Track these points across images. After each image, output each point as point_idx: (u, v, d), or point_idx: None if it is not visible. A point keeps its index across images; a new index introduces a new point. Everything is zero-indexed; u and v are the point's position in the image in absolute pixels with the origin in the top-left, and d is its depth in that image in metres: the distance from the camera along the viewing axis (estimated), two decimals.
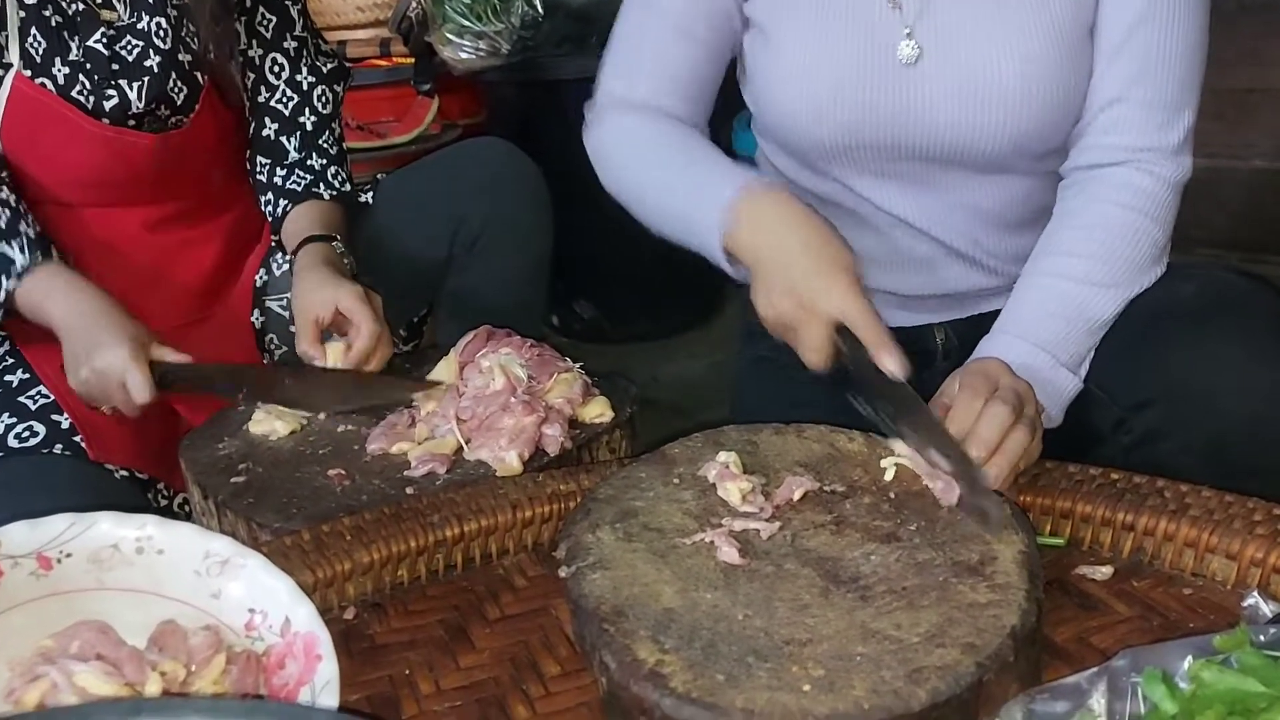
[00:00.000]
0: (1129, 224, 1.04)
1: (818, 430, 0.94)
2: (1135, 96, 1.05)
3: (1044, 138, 1.09)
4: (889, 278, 1.21)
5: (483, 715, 0.75)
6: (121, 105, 1.33)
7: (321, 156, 1.52)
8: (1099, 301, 1.03)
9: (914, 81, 1.08)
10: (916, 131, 1.09)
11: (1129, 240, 1.04)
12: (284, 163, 1.51)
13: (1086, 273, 1.03)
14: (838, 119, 1.10)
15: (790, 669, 0.66)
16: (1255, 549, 0.80)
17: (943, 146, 1.10)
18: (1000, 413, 0.87)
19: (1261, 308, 1.03)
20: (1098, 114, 1.07)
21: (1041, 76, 1.05)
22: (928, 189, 1.15)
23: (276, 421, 1.18)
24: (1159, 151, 1.06)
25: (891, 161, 1.13)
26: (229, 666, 0.70)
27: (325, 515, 0.96)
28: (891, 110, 1.09)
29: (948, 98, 1.07)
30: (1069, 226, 1.07)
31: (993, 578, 0.73)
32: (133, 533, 0.75)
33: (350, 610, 0.88)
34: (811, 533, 0.81)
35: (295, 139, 1.51)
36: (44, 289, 1.25)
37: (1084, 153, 1.09)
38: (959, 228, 1.17)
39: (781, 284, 0.97)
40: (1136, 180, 1.05)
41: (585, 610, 0.74)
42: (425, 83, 2.54)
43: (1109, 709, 0.61)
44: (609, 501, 0.87)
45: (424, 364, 1.28)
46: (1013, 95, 1.06)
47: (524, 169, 1.55)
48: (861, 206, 1.18)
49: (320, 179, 1.51)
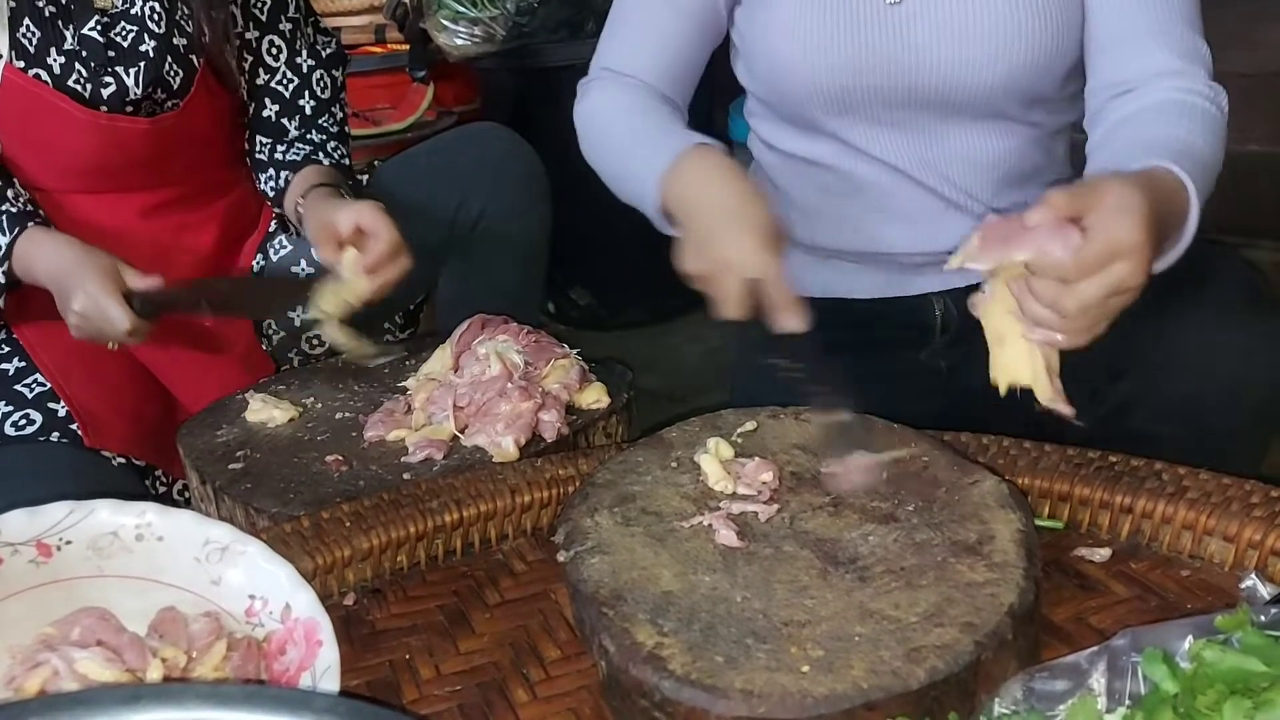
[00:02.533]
0: (1180, 100, 0.99)
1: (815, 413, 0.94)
2: (1147, 26, 1.03)
3: (1034, 76, 1.10)
4: (888, 234, 1.21)
5: (483, 699, 0.75)
6: (119, 92, 1.32)
7: (321, 133, 1.52)
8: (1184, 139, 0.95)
9: (902, 21, 1.09)
10: (909, 73, 1.10)
11: (1184, 112, 0.98)
12: (284, 139, 1.50)
13: (1156, 124, 0.97)
14: (832, 63, 1.11)
15: (789, 650, 0.66)
16: (1253, 531, 0.80)
17: (935, 87, 1.11)
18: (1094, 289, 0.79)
19: (1230, 274, 1.03)
20: (1106, 54, 1.06)
21: (1030, 10, 1.06)
22: (924, 136, 1.15)
23: (274, 409, 1.18)
24: (1191, 69, 1.02)
25: (887, 108, 1.14)
26: (230, 653, 0.71)
27: (323, 501, 0.96)
28: (883, 52, 1.10)
29: (935, 35, 1.09)
30: (1116, 126, 1.02)
31: (990, 557, 0.73)
32: (132, 520, 0.75)
33: (350, 596, 0.88)
34: (810, 514, 0.81)
35: (296, 119, 1.51)
36: (30, 256, 1.25)
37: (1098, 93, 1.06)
38: (956, 179, 1.18)
39: (699, 238, 0.97)
40: (1183, 83, 1.01)
41: (584, 594, 0.75)
42: (420, 70, 2.53)
43: (1109, 688, 0.61)
44: (607, 486, 0.87)
45: (420, 352, 1.28)
46: (1000, 30, 1.07)
47: (522, 154, 1.54)
48: (859, 165, 1.18)
49: (319, 149, 1.51)
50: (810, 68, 1.13)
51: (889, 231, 1.21)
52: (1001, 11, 1.07)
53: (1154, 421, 0.99)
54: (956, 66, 1.09)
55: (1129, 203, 0.78)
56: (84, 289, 1.19)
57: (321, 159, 1.50)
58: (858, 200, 1.20)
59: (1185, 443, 0.94)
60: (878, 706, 0.62)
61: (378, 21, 2.69)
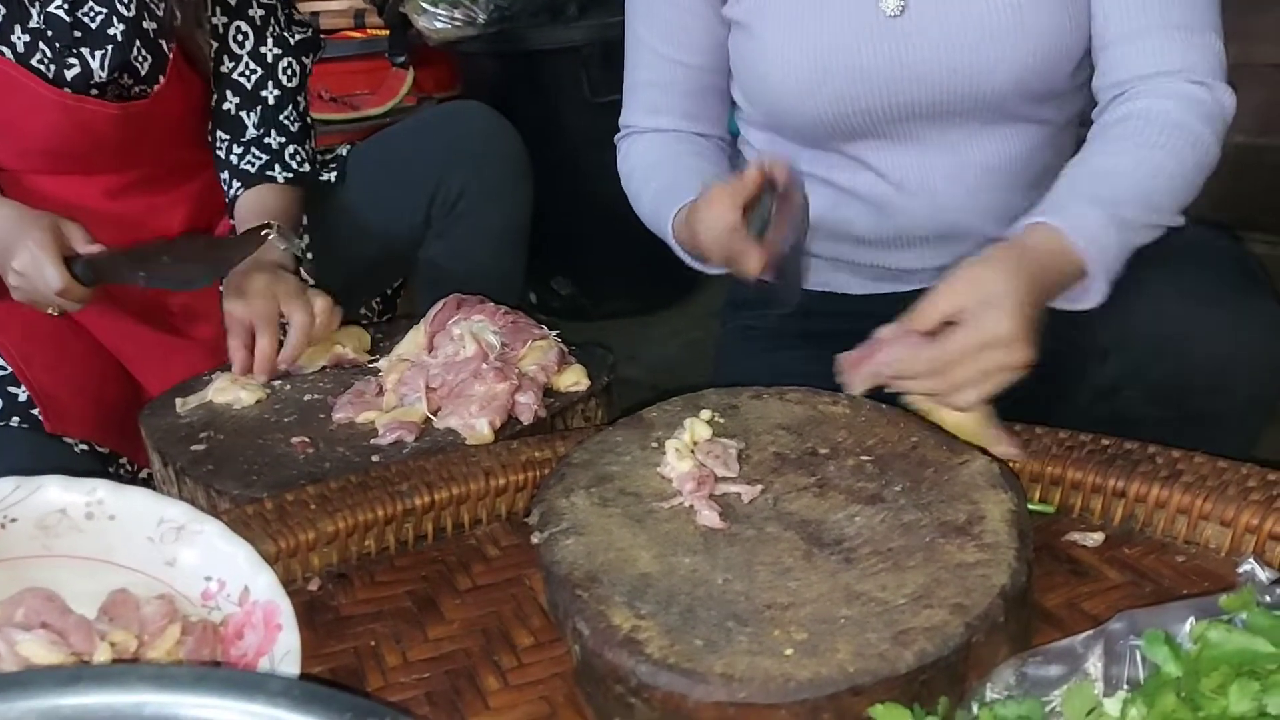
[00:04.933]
0: (1163, 110, 0.97)
1: (799, 393, 0.91)
2: (1152, 23, 1.00)
3: (1043, 74, 1.05)
4: (886, 255, 1.19)
5: (452, 687, 0.72)
6: (84, 74, 1.28)
7: (281, 134, 1.46)
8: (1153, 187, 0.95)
9: (903, 34, 1.05)
10: (909, 86, 1.06)
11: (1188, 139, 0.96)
12: (241, 139, 1.44)
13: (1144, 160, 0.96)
14: (830, 90, 1.08)
15: (772, 633, 0.64)
16: (1250, 515, 0.78)
17: (937, 98, 1.07)
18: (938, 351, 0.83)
19: (1217, 254, 1.02)
20: (1112, 52, 1.02)
21: (1033, 8, 1.02)
22: (926, 147, 1.11)
23: (241, 390, 1.14)
24: (1198, 72, 0.99)
25: (889, 123, 1.10)
26: (184, 637, 0.68)
27: (287, 483, 0.93)
28: (883, 69, 1.06)
29: (936, 49, 1.04)
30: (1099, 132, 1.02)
31: (981, 537, 0.70)
32: (82, 498, 0.71)
33: (314, 581, 0.85)
34: (794, 496, 0.78)
35: (255, 114, 1.45)
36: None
37: (1107, 91, 1.04)
38: (959, 193, 1.13)
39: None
40: (1181, 88, 0.99)
41: (558, 576, 0.71)
42: (400, 54, 2.49)
43: (1105, 673, 0.58)
44: (584, 466, 0.84)
45: (396, 334, 1.25)
46: (1005, 32, 1.03)
47: (503, 132, 1.51)
48: (859, 179, 1.14)
49: (276, 159, 1.44)
50: (807, 101, 1.09)
51: (887, 251, 1.18)
52: (1006, 11, 1.02)
53: (1143, 403, 0.98)
54: (962, 75, 1.05)
55: (997, 294, 0.83)
56: (23, 248, 1.16)
57: (277, 173, 1.43)
58: (859, 221, 1.16)
59: (1174, 425, 0.92)
60: (864, 691, 0.59)
61: (357, 6, 2.65)
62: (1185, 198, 0.98)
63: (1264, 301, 0.98)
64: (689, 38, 1.16)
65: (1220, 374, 0.96)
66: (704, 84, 1.19)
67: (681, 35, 1.16)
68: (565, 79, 2.34)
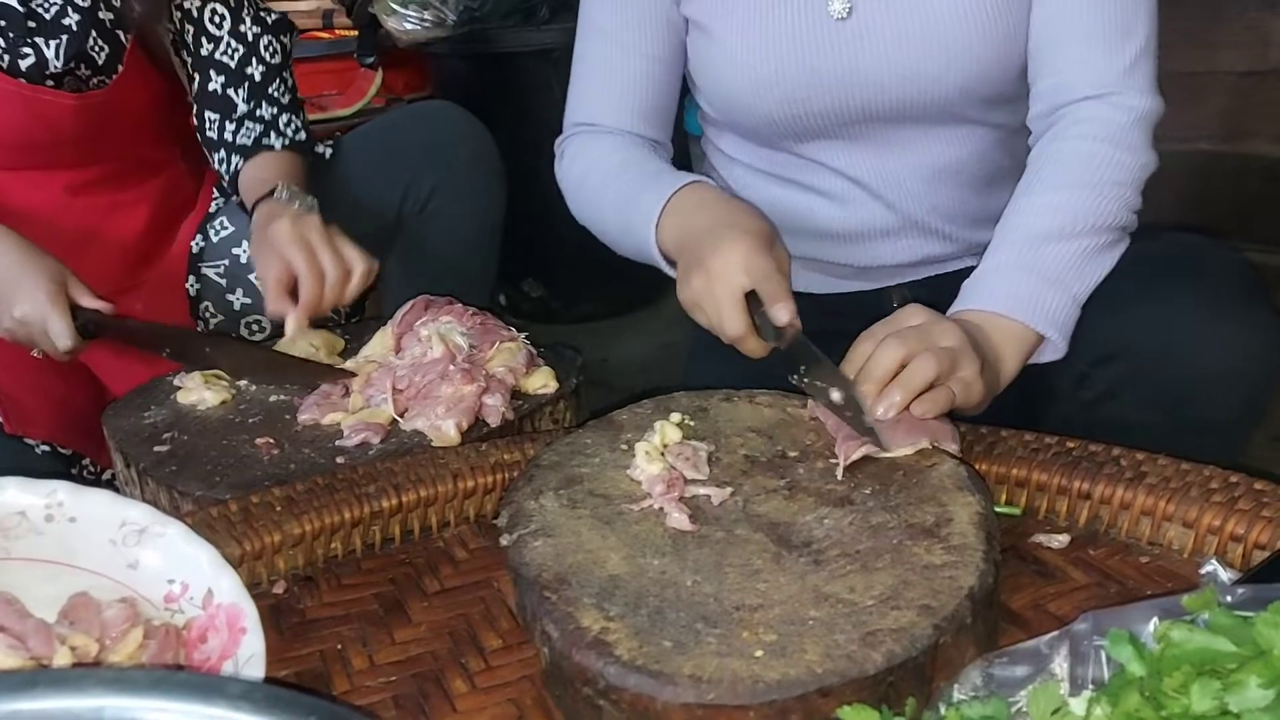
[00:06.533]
0: (1090, 151, 1.00)
1: (770, 396, 0.92)
2: (1073, 31, 1.02)
3: (991, 80, 1.07)
4: (846, 251, 1.20)
5: (419, 690, 0.72)
6: (39, 64, 1.26)
7: (272, 105, 1.44)
8: (1068, 220, 0.97)
9: (852, 38, 1.06)
10: (860, 89, 1.07)
11: (1091, 164, 0.99)
12: (233, 116, 1.43)
13: (1048, 203, 0.99)
14: (782, 91, 1.08)
15: (741, 635, 0.63)
16: (1212, 516, 0.78)
17: (888, 101, 1.08)
18: (887, 349, 0.84)
19: (1223, 266, 1.02)
20: (1042, 57, 1.05)
21: (980, 17, 1.04)
22: (881, 147, 1.13)
23: (206, 390, 1.13)
24: (1109, 82, 1.02)
25: (842, 124, 1.11)
26: (146, 641, 0.67)
27: (251, 485, 0.92)
28: (834, 71, 1.07)
29: (886, 51, 1.05)
30: (1032, 169, 1.04)
31: (948, 539, 0.71)
32: (41, 500, 0.70)
33: (280, 584, 0.84)
34: (764, 498, 0.78)
35: (243, 90, 1.43)
36: None
37: (1039, 100, 1.06)
38: (914, 190, 1.15)
39: (692, 262, 0.95)
40: (1093, 112, 1.02)
41: (526, 579, 0.71)
42: (369, 55, 2.48)
43: (1071, 673, 0.58)
44: (553, 468, 0.83)
45: (365, 335, 1.24)
46: (952, 40, 1.04)
47: (474, 133, 1.50)
48: (816, 176, 1.16)
49: (271, 128, 1.43)
50: (760, 101, 1.10)
51: (847, 247, 1.19)
52: (953, 19, 1.04)
53: (1139, 409, 0.98)
54: (911, 80, 1.06)
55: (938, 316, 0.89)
56: (32, 298, 1.14)
57: (274, 141, 1.42)
58: (815, 216, 1.17)
59: (1170, 432, 0.92)
60: (832, 692, 0.59)
61: (325, 6, 2.64)
62: (1122, 219, 1.00)
63: (1262, 311, 0.99)
64: (652, 29, 1.14)
65: (1217, 382, 0.96)
66: (659, 80, 1.17)
67: (644, 24, 1.14)
68: (536, 82, 2.33)
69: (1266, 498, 0.78)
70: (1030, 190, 1.01)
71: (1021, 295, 0.94)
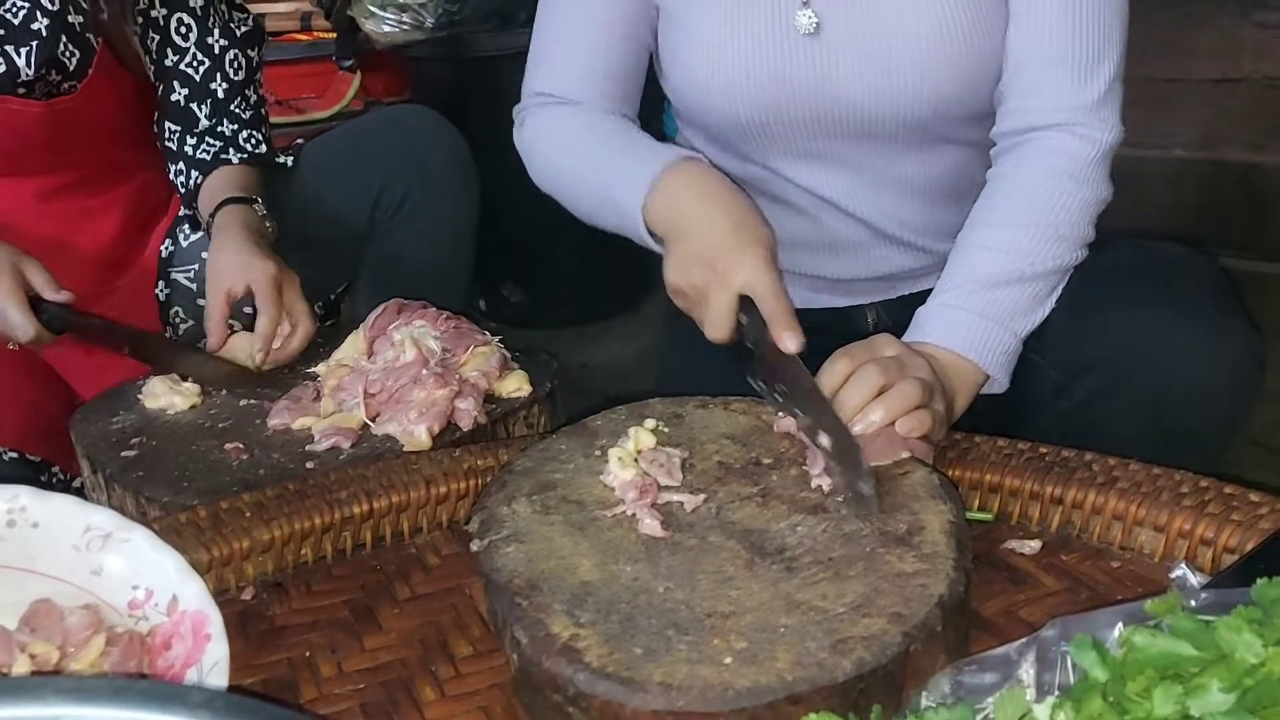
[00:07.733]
0: (1053, 189, 1.01)
1: (744, 403, 0.91)
2: (1046, 55, 1.02)
3: (963, 100, 1.06)
4: (817, 262, 1.19)
5: (388, 698, 0.71)
6: (10, 73, 1.24)
7: (234, 122, 1.44)
8: (1025, 264, 0.99)
9: (820, 53, 1.05)
10: (831, 105, 1.06)
11: (1053, 204, 1.00)
12: (194, 130, 1.42)
13: (1007, 241, 0.99)
14: (751, 96, 1.07)
15: (712, 641, 0.63)
16: (1182, 521, 0.79)
17: (860, 119, 1.07)
18: (868, 374, 0.85)
19: (1201, 275, 1.03)
20: (1013, 76, 1.04)
21: (952, 37, 1.02)
22: (852, 168, 1.12)
23: (175, 395, 1.12)
24: (1078, 111, 1.02)
25: (813, 139, 1.10)
26: (109, 648, 0.66)
27: (219, 490, 0.91)
28: (803, 84, 1.06)
29: (858, 68, 1.04)
30: (992, 194, 1.04)
31: (920, 547, 0.71)
32: (3, 504, 0.69)
33: (249, 591, 0.83)
34: (737, 505, 0.78)
35: (206, 106, 1.43)
36: None
37: (1006, 118, 1.06)
38: (887, 208, 1.14)
39: (697, 251, 0.94)
40: (1059, 143, 1.02)
41: (497, 584, 0.71)
42: (347, 58, 2.47)
43: (1038, 679, 0.58)
44: (526, 473, 0.83)
45: (339, 340, 1.23)
46: (924, 59, 1.03)
47: (447, 137, 1.50)
48: (787, 190, 1.15)
49: (231, 144, 1.43)
50: (728, 100, 1.08)
51: (818, 257, 1.19)
52: (923, 38, 1.02)
53: (1118, 420, 0.98)
54: (883, 99, 1.05)
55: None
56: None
57: (233, 156, 1.42)
58: (785, 225, 1.16)
59: (1149, 442, 0.92)
60: (802, 699, 0.59)
61: (304, 8, 2.63)
62: (1076, 258, 1.01)
63: (1238, 319, 0.99)
64: (623, 3, 1.11)
65: (1195, 393, 0.97)
66: (628, 54, 1.13)
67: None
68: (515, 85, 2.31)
69: (1236, 501, 0.78)
70: (991, 221, 1.01)
71: (975, 337, 0.96)
